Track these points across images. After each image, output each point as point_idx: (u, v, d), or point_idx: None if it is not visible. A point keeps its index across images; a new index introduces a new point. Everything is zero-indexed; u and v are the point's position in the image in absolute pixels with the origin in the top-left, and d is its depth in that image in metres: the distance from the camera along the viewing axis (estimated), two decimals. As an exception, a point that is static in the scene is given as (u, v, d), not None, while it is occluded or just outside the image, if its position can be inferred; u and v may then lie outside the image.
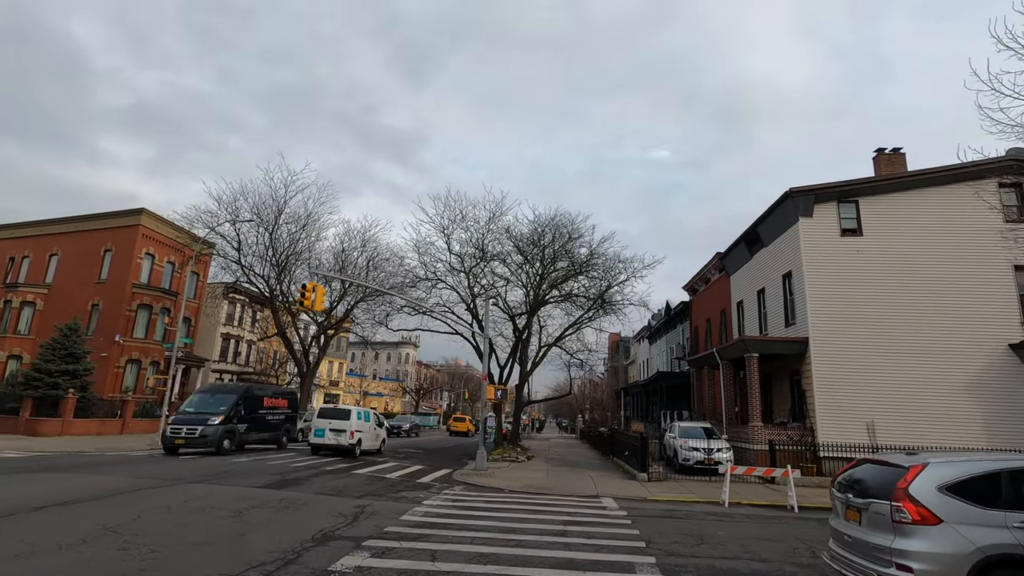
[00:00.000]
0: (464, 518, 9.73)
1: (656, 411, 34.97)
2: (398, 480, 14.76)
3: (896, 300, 18.35)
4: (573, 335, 29.16)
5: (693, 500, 13.42)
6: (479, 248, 25.15)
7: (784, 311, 20.58)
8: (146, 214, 36.51)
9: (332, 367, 66.90)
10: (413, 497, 11.85)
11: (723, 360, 21.64)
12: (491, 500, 12.19)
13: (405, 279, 28.52)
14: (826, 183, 19.47)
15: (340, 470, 16.12)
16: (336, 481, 13.58)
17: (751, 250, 24.06)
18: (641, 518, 10.54)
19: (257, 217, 32.95)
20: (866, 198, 19.47)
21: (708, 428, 19.72)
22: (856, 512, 5.71)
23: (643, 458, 16.62)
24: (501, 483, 15.13)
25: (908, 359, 17.82)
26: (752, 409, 18.69)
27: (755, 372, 18.95)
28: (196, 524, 7.98)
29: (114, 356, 34.51)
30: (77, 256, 37.19)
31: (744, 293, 24.97)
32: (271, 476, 13.73)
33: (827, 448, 17.36)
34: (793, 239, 19.81)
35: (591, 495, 13.64)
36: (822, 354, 18.30)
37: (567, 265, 25.05)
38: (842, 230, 19.39)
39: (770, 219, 21.32)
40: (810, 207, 19.48)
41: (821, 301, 18.72)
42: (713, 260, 28.79)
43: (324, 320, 37.86)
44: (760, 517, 11.35)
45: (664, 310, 39.79)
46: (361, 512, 9.67)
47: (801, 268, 19.16)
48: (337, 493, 11.69)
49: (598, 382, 73.09)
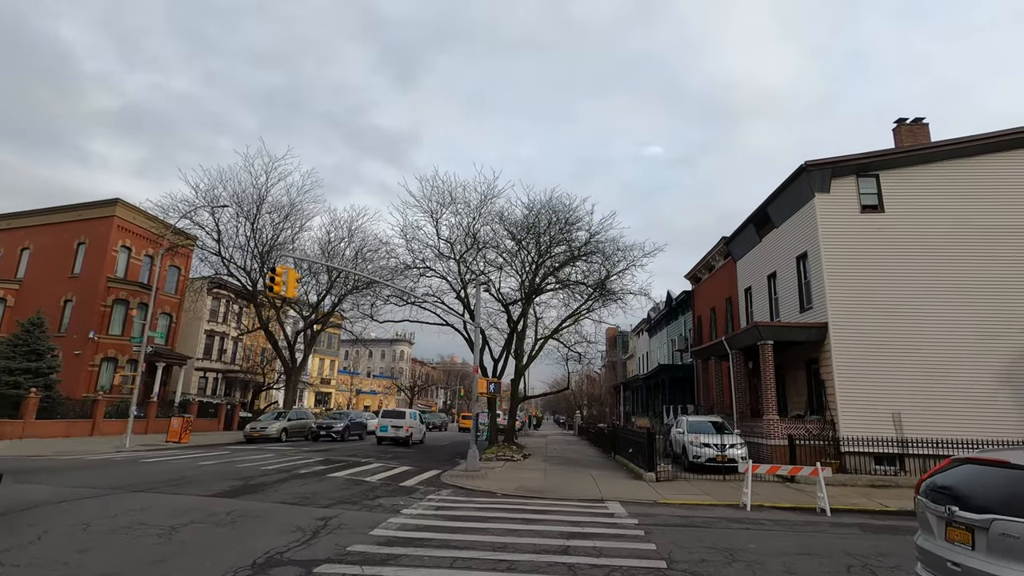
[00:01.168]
0: (447, 531, 8.19)
1: (658, 406, 33.53)
2: (378, 484, 13.19)
3: (923, 281, 16.89)
4: (571, 326, 27.66)
5: (710, 503, 11.92)
6: (469, 234, 23.52)
7: (799, 295, 19.09)
8: (121, 204, 34.70)
9: (323, 364, 65.22)
10: (391, 505, 10.29)
11: (733, 349, 20.15)
12: (481, 506, 10.65)
13: (396, 269, 26.81)
14: (845, 155, 17.96)
15: (315, 473, 14.55)
16: (306, 486, 12.01)
17: (760, 232, 22.56)
18: (655, 527, 9.03)
19: (237, 206, 31.28)
20: (888, 171, 17.98)
21: (719, 422, 18.23)
22: (966, 532, 4.19)
23: (650, 456, 15.10)
24: (494, 485, 13.59)
25: (937, 345, 16.37)
26: (767, 401, 17.20)
27: (769, 361, 17.46)
28: (107, 548, 6.40)
29: (88, 354, 32.77)
30: (50, 250, 35.39)
31: (753, 279, 23.48)
32: (233, 481, 12.15)
33: (850, 443, 15.89)
34: (809, 217, 18.31)
35: (595, 499, 12.12)
36: (842, 340, 16.83)
37: (565, 250, 23.47)
38: (862, 206, 17.90)
39: (782, 197, 19.80)
40: (827, 182, 17.98)
41: (841, 283, 17.24)
42: (718, 246, 27.29)
43: (310, 315, 36.21)
44: (791, 524, 9.85)
45: (665, 301, 38.31)
46: (324, 526, 8.11)
47: (818, 248, 17.66)
48: (302, 501, 10.11)
49: (596, 378, 71.82)
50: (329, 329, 58.61)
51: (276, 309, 34.29)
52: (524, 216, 23.42)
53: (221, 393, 46.34)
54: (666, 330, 40.62)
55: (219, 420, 34.94)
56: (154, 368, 37.80)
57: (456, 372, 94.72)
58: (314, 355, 63.22)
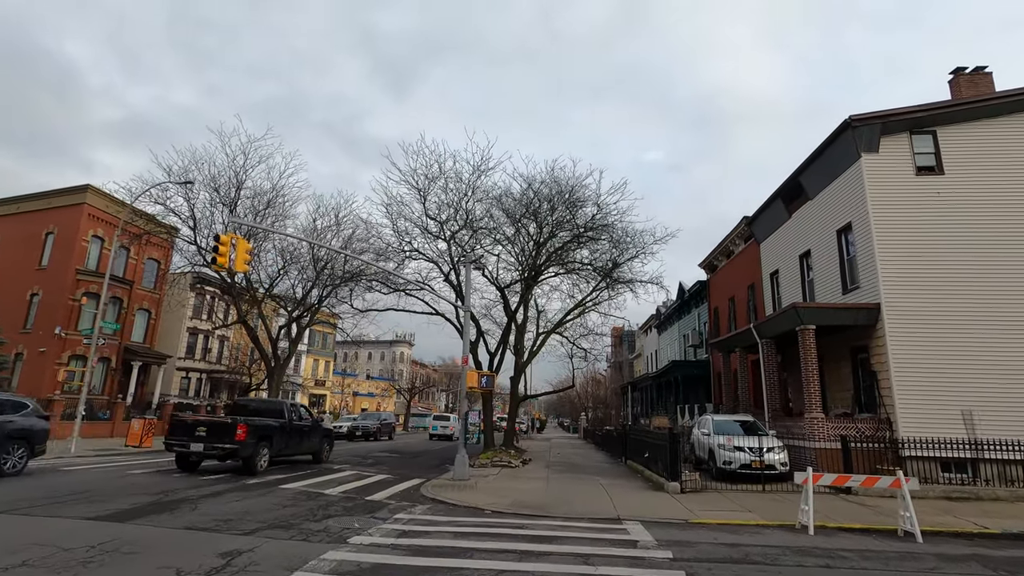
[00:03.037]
0: (404, 574, 5.63)
1: (670, 406, 30.86)
2: (337, 498, 10.61)
3: (993, 253, 14.28)
4: (577, 319, 25.02)
5: (757, 523, 9.31)
6: (458, 209, 20.90)
7: (840, 274, 16.46)
8: (92, 191, 32.30)
9: (318, 365, 62.72)
10: (339, 530, 7.72)
11: (763, 338, 17.52)
12: (461, 531, 8.08)
13: (381, 251, 24.17)
14: (896, 108, 15.35)
15: (265, 484, 11.97)
16: (240, 503, 9.43)
17: (789, 208, 19.95)
18: (697, 563, 6.46)
19: (214, 191, 28.78)
20: (946, 127, 15.36)
21: (749, 422, 15.61)
22: None
23: (673, 462, 12.48)
24: (483, 499, 11.00)
25: (1015, 329, 13.74)
26: (809, 397, 14.54)
27: (812, 349, 14.81)
28: None
29: (54, 351, 30.37)
30: (16, 241, 33.04)
31: (780, 260, 20.84)
32: (144, 496, 9.58)
33: (911, 445, 13.22)
34: (854, 182, 15.70)
35: (609, 518, 9.52)
36: (898, 324, 14.19)
37: (570, 227, 20.82)
38: (917, 168, 15.29)
39: (819, 162, 17.20)
40: (876, 140, 15.37)
41: (894, 257, 14.61)
42: (737, 228, 24.68)
43: (295, 310, 33.67)
44: (881, 556, 7.23)
45: (677, 293, 35.63)
46: (223, 568, 5.56)
47: (866, 216, 15.04)
48: (218, 526, 7.54)
49: (600, 379, 69.19)
50: (318, 328, 56.18)
51: (257, 302, 31.77)
52: (522, 192, 20.83)
53: (206, 395, 43.82)
54: (677, 325, 37.96)
55: (197, 423, 32.34)
56: (129, 367, 35.43)
57: (457, 374, 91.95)
58: (308, 355, 60.75)
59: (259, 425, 14.03)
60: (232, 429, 13.10)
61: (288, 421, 15.55)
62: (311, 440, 16.84)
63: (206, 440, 13.12)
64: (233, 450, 13.03)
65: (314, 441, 17.03)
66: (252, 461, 13.48)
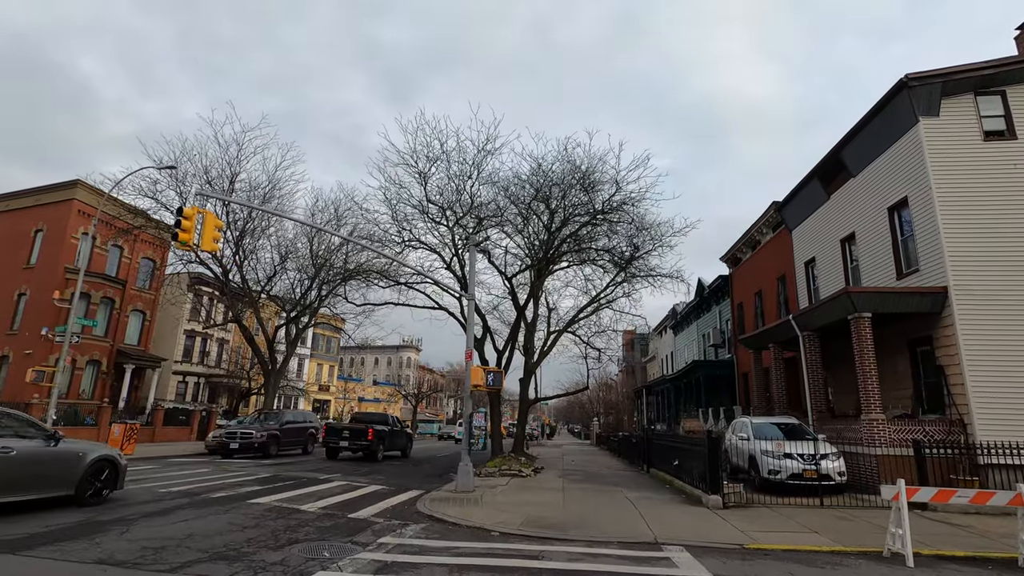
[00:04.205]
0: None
1: (691, 410, 28.87)
2: (315, 515, 8.81)
3: (1080, 228, 12.33)
4: (591, 316, 23.18)
5: (831, 549, 7.42)
6: (462, 192, 19.16)
7: (894, 256, 14.52)
8: (82, 187, 30.95)
9: (322, 370, 61.14)
10: (301, 563, 5.92)
11: (804, 331, 15.59)
12: (460, 561, 6.26)
13: (379, 240, 22.45)
14: (958, 65, 13.46)
15: (235, 497, 10.20)
16: (194, 522, 7.66)
17: (828, 188, 18.04)
18: (785, 616, 4.60)
19: (208, 184, 27.31)
20: (1017, 87, 13.45)
21: (793, 425, 13.66)
22: None
23: (714, 472, 10.58)
24: (490, 517, 9.17)
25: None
26: (867, 395, 12.57)
27: (868, 340, 12.86)
28: None
29: (41, 353, 28.91)
30: (4, 239, 31.76)
31: (817, 247, 18.91)
32: (71, 517, 7.85)
33: (990, 451, 11.24)
34: (910, 150, 13.79)
35: (645, 541, 7.67)
36: (970, 311, 12.25)
37: (588, 212, 19.00)
38: (985, 132, 13.38)
39: (864, 133, 15.31)
40: (935, 102, 13.48)
41: (962, 234, 12.69)
42: (766, 215, 22.75)
43: (293, 309, 32.05)
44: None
45: (696, 291, 33.64)
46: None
47: (928, 189, 13.13)
48: (142, 559, 5.75)
49: (612, 384, 67.20)
50: (321, 331, 54.62)
51: (254, 302, 30.19)
52: (531, 172, 19.05)
53: (204, 399, 42.26)
54: (696, 324, 35.97)
55: (191, 428, 30.72)
56: (122, 371, 33.93)
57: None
58: (311, 360, 59.21)
59: (379, 430, 20.47)
60: (365, 433, 19.88)
61: (391, 428, 22.20)
62: (402, 440, 23.56)
63: (349, 439, 20.15)
64: (367, 445, 19.84)
65: (403, 441, 23.70)
66: (375, 453, 20.28)
